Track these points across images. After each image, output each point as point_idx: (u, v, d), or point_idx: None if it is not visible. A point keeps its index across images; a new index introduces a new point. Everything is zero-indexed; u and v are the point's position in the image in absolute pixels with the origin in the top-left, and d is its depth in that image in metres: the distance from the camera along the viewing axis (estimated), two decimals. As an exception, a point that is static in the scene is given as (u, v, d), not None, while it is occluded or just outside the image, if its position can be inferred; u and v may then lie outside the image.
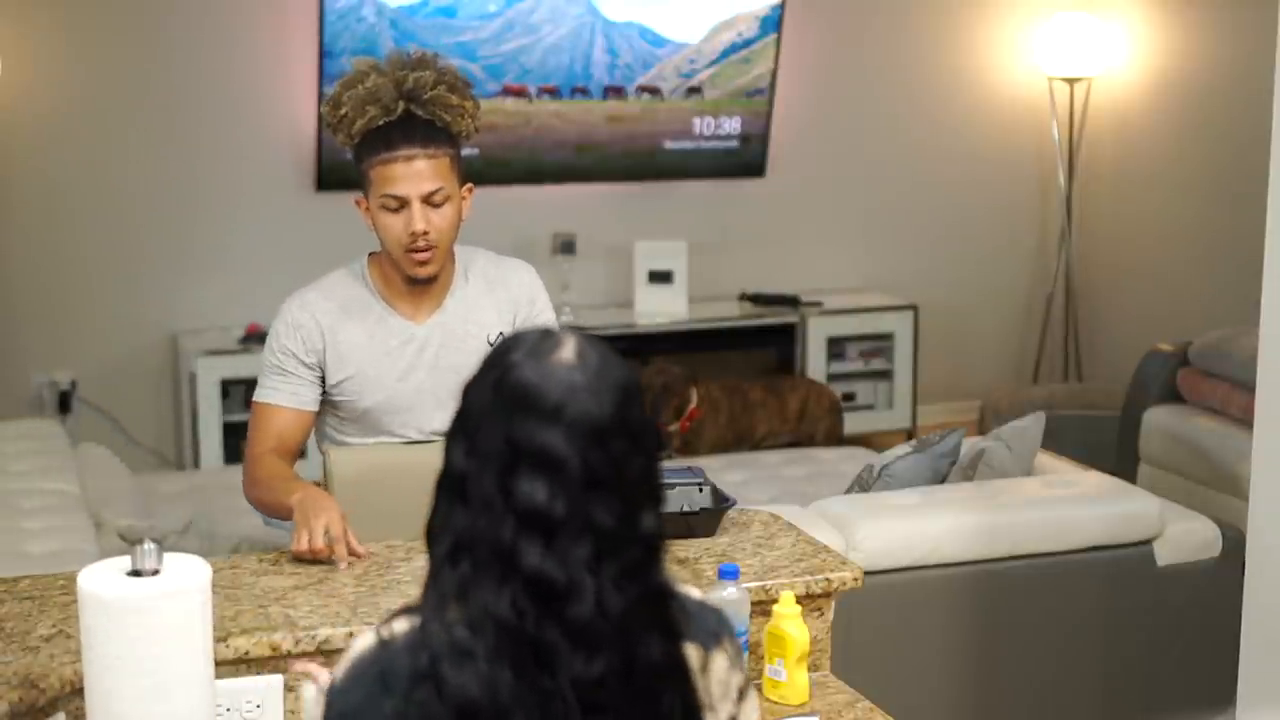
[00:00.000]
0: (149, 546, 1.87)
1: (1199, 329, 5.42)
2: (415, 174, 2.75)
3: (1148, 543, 3.68)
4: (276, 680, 2.19)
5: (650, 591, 1.47)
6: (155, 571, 1.87)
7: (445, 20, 5.91)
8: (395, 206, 2.77)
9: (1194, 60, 6.30)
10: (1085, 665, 3.66)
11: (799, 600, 2.40)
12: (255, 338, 5.60)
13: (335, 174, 5.70)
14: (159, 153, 5.79)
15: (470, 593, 1.43)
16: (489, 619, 1.42)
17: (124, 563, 1.88)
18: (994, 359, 7.01)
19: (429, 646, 1.43)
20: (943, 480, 3.84)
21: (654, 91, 6.27)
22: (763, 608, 2.43)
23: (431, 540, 1.49)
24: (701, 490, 2.66)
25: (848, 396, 6.42)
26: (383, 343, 2.86)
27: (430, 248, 2.78)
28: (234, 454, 5.36)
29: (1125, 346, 6.36)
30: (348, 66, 2.91)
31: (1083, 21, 6.55)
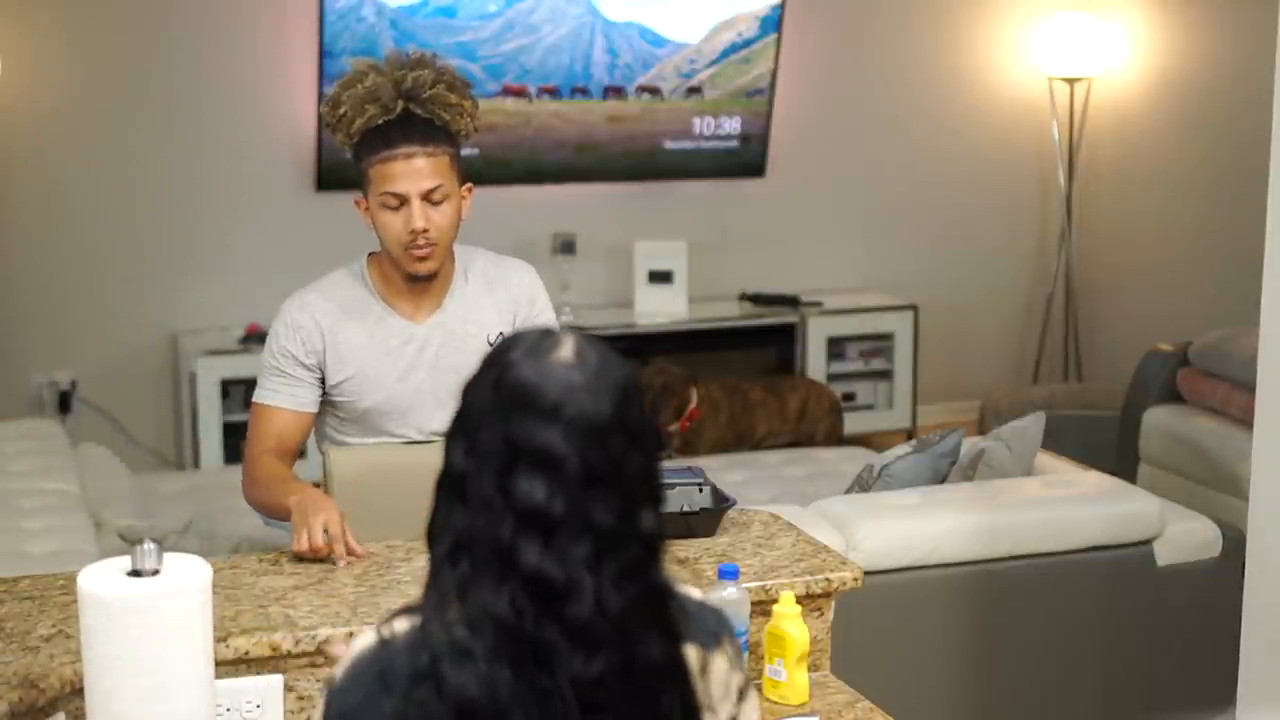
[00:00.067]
0: (149, 546, 1.87)
1: (1199, 329, 5.42)
2: (414, 172, 2.75)
3: (1148, 543, 3.68)
4: (276, 680, 2.19)
5: (650, 591, 1.47)
6: (155, 571, 1.87)
7: (445, 20, 5.91)
8: (395, 204, 2.77)
9: (1194, 60, 6.30)
10: (1085, 665, 3.66)
11: (799, 600, 2.40)
12: (255, 338, 5.60)
13: (335, 174, 5.70)
14: (159, 153, 5.79)
15: (470, 592, 1.43)
16: (488, 618, 1.42)
17: (124, 563, 1.88)
18: (994, 359, 7.01)
19: (429, 646, 1.43)
20: (943, 480, 3.84)
21: (654, 91, 6.27)
22: (763, 608, 2.43)
23: (432, 540, 1.49)
24: (701, 490, 2.66)
25: (848, 396, 6.41)
26: (382, 343, 2.86)
27: (430, 245, 2.78)
28: (234, 454, 5.36)
29: (1125, 346, 6.36)
30: (348, 66, 2.91)
31: (1083, 21, 6.55)
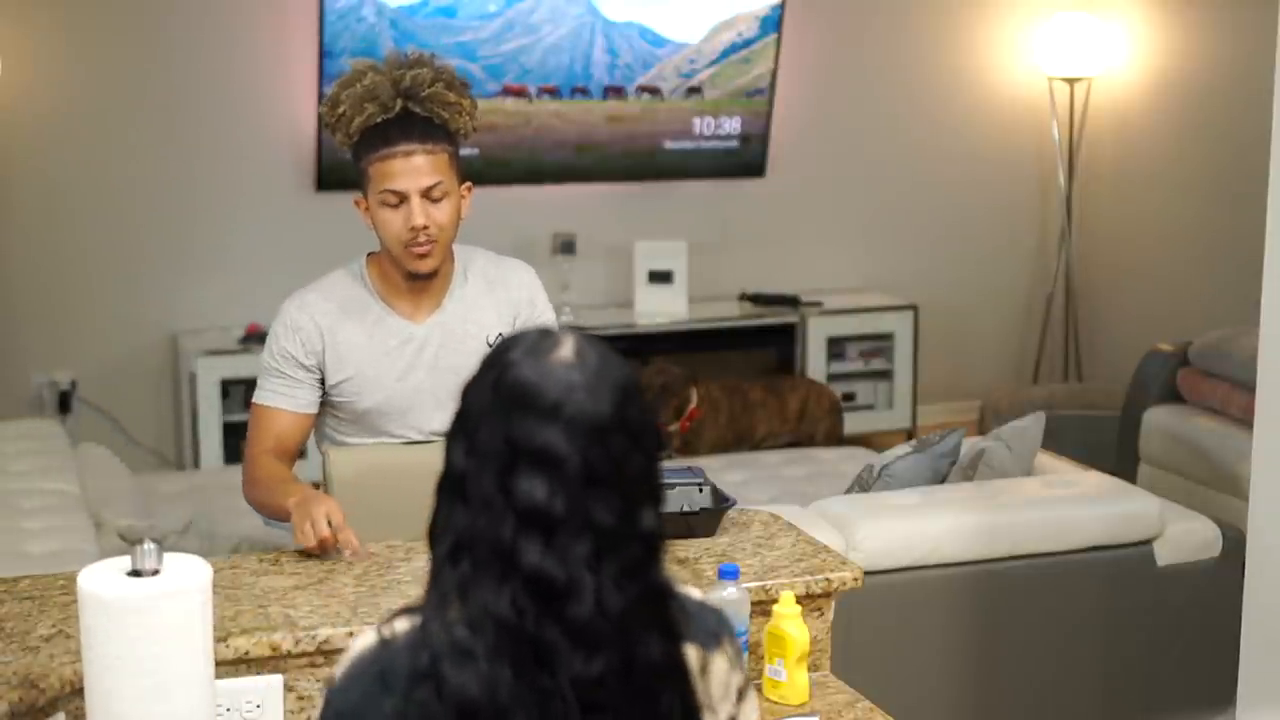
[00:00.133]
0: (149, 546, 1.87)
1: (1199, 329, 5.42)
2: (414, 169, 2.75)
3: (1148, 543, 3.68)
4: (276, 680, 2.19)
5: (650, 590, 1.47)
6: (155, 571, 1.87)
7: (445, 20, 5.91)
8: (394, 202, 2.77)
9: (1194, 60, 6.30)
10: (1085, 665, 3.66)
11: (799, 600, 2.40)
12: (255, 338, 5.60)
13: (335, 174, 5.70)
14: (159, 153, 5.79)
15: (470, 592, 1.43)
16: (489, 618, 1.42)
17: (124, 563, 1.88)
18: (994, 359, 7.01)
19: (429, 646, 1.43)
20: (943, 480, 3.84)
21: (654, 91, 6.27)
22: (763, 608, 2.43)
23: (433, 540, 1.49)
24: (701, 490, 2.66)
25: (848, 396, 6.41)
26: (382, 343, 2.86)
27: (430, 242, 2.78)
28: (234, 454, 5.36)
29: (1125, 346, 6.36)
30: (348, 66, 2.91)
31: (1083, 21, 6.55)
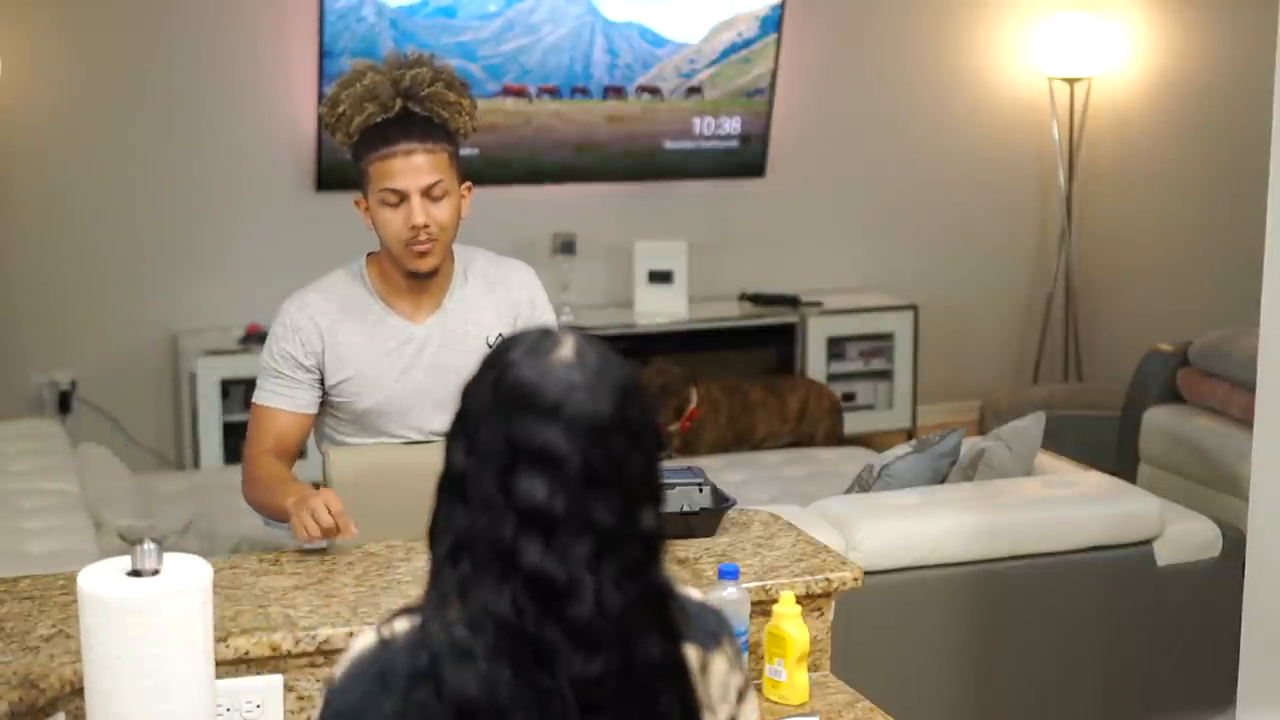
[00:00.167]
0: (149, 546, 1.87)
1: (1199, 329, 5.42)
2: (414, 168, 2.75)
3: (1148, 543, 3.68)
4: (276, 680, 2.19)
5: (650, 590, 1.47)
6: (155, 571, 1.87)
7: (445, 20, 5.91)
8: (395, 201, 2.77)
9: (1194, 60, 6.30)
10: (1085, 665, 3.66)
11: (799, 600, 2.40)
12: (255, 338, 5.60)
13: (335, 174, 5.70)
14: (159, 153, 5.79)
15: (470, 592, 1.43)
16: (489, 617, 1.42)
17: (124, 563, 1.88)
18: (994, 359, 7.01)
19: (429, 646, 1.43)
20: (943, 480, 3.84)
21: (654, 91, 6.27)
22: (763, 608, 2.43)
23: (433, 540, 1.48)
24: (701, 490, 2.66)
25: (848, 396, 6.42)
26: (381, 343, 2.86)
27: (431, 241, 2.78)
28: (234, 454, 5.36)
29: (1125, 346, 6.36)
30: (347, 67, 2.91)
31: (1083, 21, 6.55)
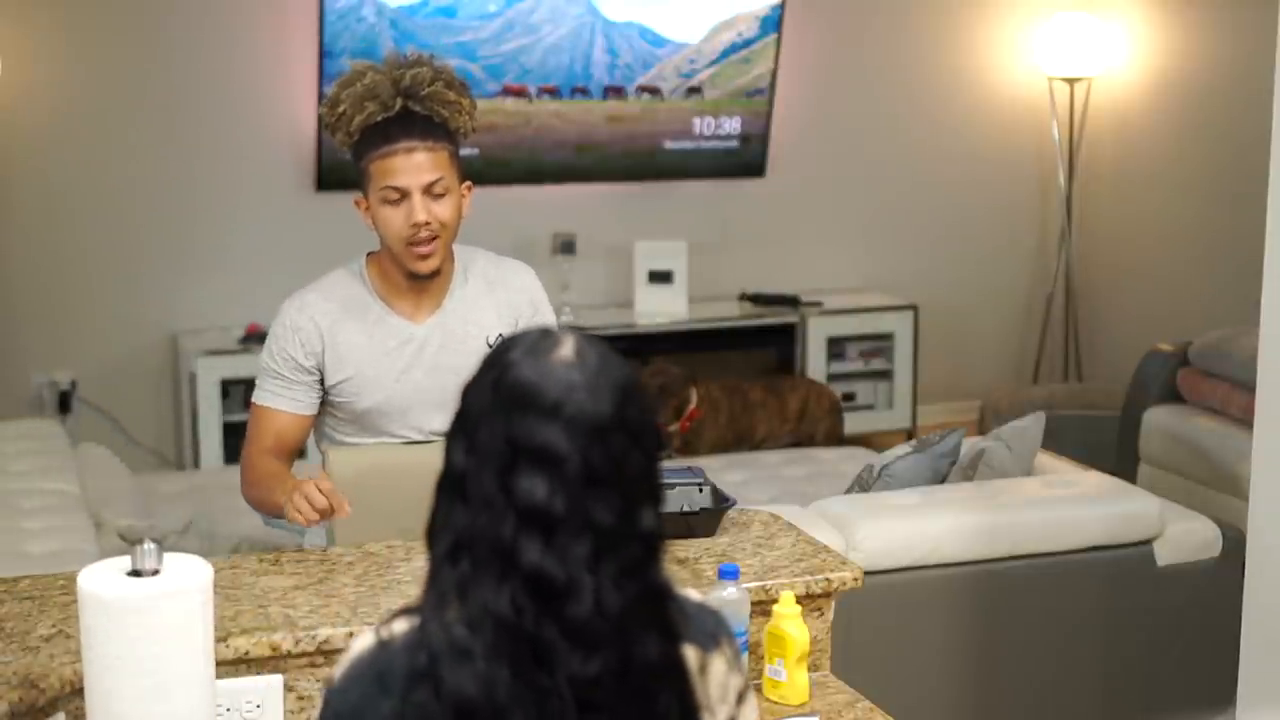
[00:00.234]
0: (149, 546, 1.87)
1: (1199, 329, 5.42)
2: (415, 166, 2.75)
3: (1148, 543, 3.68)
4: (276, 680, 2.19)
5: (649, 590, 1.47)
6: (155, 571, 1.87)
7: (445, 20, 5.91)
8: (396, 198, 2.77)
9: (1194, 60, 6.30)
10: (1085, 665, 3.66)
11: (799, 600, 2.40)
12: (255, 338, 5.60)
13: (335, 174, 5.69)
14: (159, 153, 5.79)
15: (470, 591, 1.43)
16: (488, 617, 1.42)
17: (124, 563, 1.88)
18: (994, 359, 7.00)
19: (427, 646, 1.43)
20: (943, 480, 3.84)
21: (654, 91, 6.27)
22: (763, 608, 2.43)
23: (431, 539, 1.48)
24: (701, 490, 2.66)
25: (848, 396, 6.41)
26: (381, 343, 2.86)
27: (433, 238, 2.78)
28: (234, 454, 5.35)
29: (1125, 346, 6.36)
30: (347, 67, 2.91)
31: (1083, 21, 6.55)
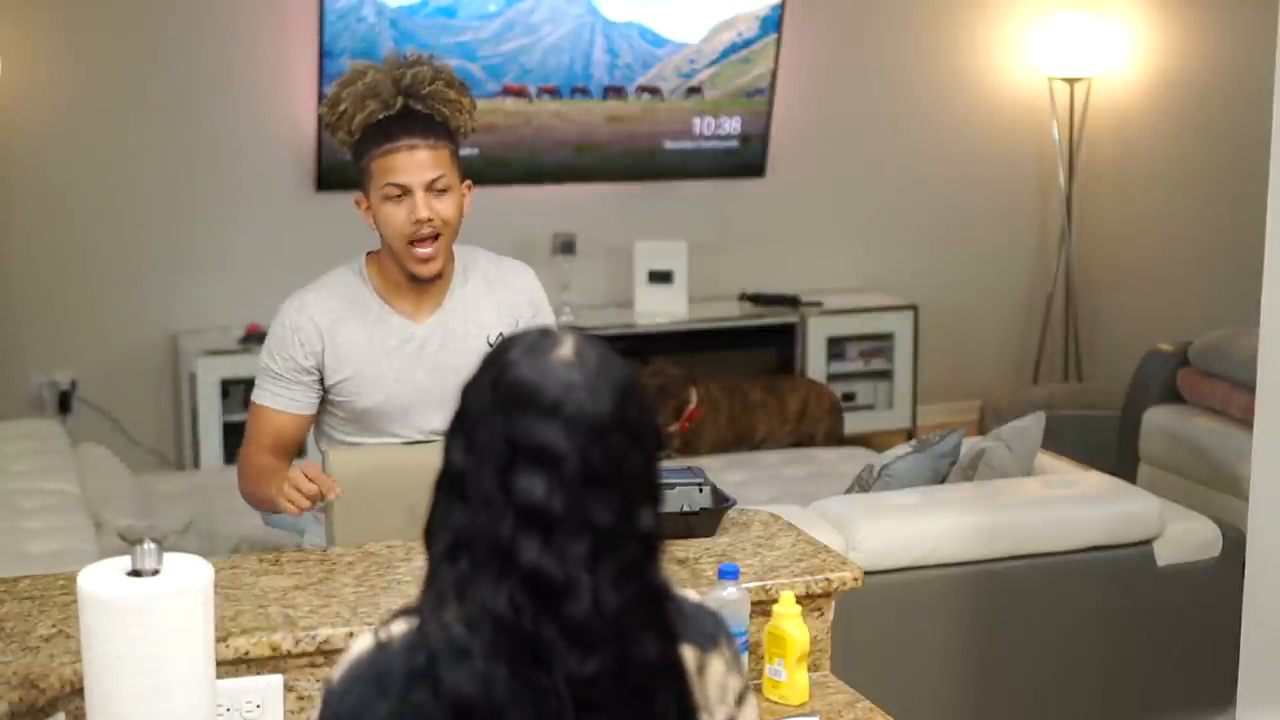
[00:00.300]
0: (149, 546, 1.86)
1: (1199, 329, 5.41)
2: (417, 163, 2.76)
3: (1148, 543, 3.68)
4: (276, 680, 2.19)
5: (647, 590, 1.46)
6: (155, 571, 1.87)
7: (445, 20, 5.91)
8: (397, 194, 2.77)
9: (1194, 60, 6.30)
10: (1085, 665, 3.66)
11: (799, 600, 2.40)
12: (255, 338, 5.60)
13: (335, 174, 5.69)
14: (159, 153, 5.79)
15: (468, 590, 1.43)
16: (486, 616, 1.42)
17: (124, 563, 1.88)
18: (994, 359, 7.00)
19: (426, 646, 1.43)
20: (943, 480, 3.84)
21: (654, 91, 6.27)
22: (763, 608, 2.43)
23: (430, 539, 1.48)
24: (701, 490, 2.66)
25: (848, 396, 6.41)
26: (381, 342, 2.86)
27: (435, 235, 2.78)
28: (234, 454, 5.31)
29: (1125, 346, 6.36)
30: (347, 67, 2.91)
31: (1083, 21, 6.55)
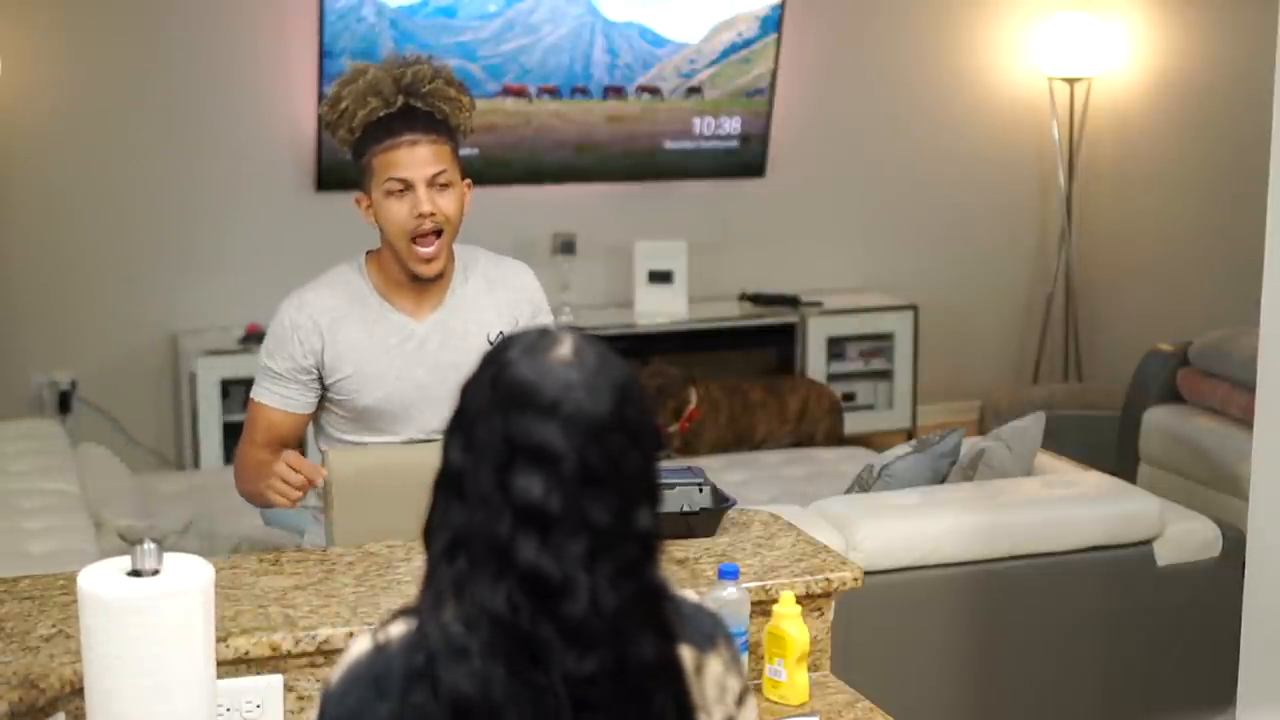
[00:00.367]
0: (149, 546, 1.86)
1: (1199, 329, 5.41)
2: (419, 158, 2.76)
3: (1148, 543, 3.68)
4: (276, 680, 2.19)
5: (645, 590, 1.46)
6: (155, 571, 1.87)
7: (445, 20, 5.91)
8: (400, 189, 2.77)
9: (1194, 60, 6.30)
10: (1085, 665, 3.66)
11: (799, 600, 2.40)
12: (255, 338, 5.60)
13: (335, 174, 5.69)
14: (159, 153, 5.79)
15: (466, 589, 1.43)
16: (484, 615, 1.42)
17: (124, 563, 1.88)
18: (994, 359, 7.00)
19: (425, 646, 1.43)
20: (943, 480, 3.84)
21: (654, 91, 6.27)
22: (763, 608, 2.43)
23: (429, 537, 1.48)
24: (701, 490, 2.66)
25: (848, 396, 6.41)
26: (382, 340, 2.86)
27: (438, 232, 2.78)
28: (234, 454, 5.35)
29: (1125, 346, 6.36)
30: (347, 67, 2.92)
31: (1083, 21, 6.55)
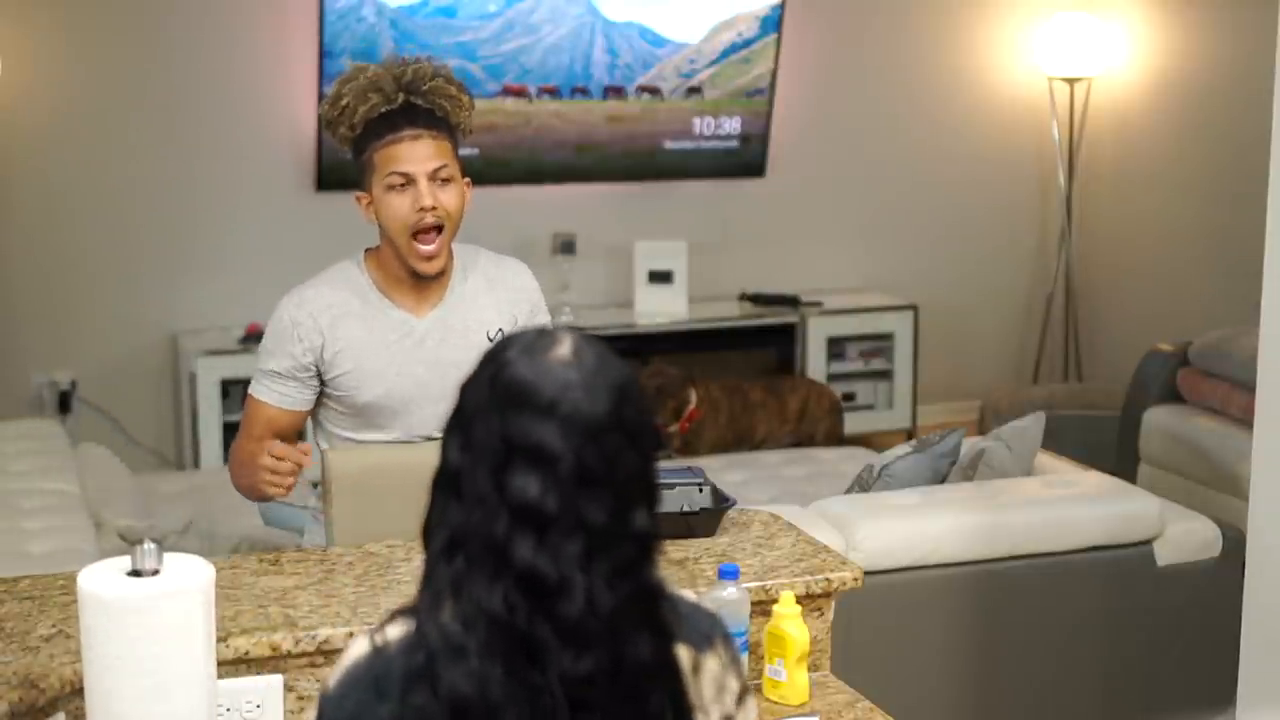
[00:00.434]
0: (149, 546, 1.86)
1: (1199, 329, 5.42)
2: (421, 153, 2.77)
3: (1148, 543, 3.68)
4: (276, 680, 2.19)
5: (641, 590, 1.47)
6: (155, 571, 1.87)
7: (445, 20, 5.91)
8: (401, 183, 2.77)
9: (1194, 60, 6.30)
10: (1085, 665, 3.66)
11: (799, 600, 2.40)
12: (255, 338, 5.59)
13: (335, 174, 5.69)
14: (159, 153, 5.79)
15: (464, 588, 1.43)
16: (481, 614, 1.42)
17: (124, 563, 1.88)
18: (994, 359, 7.00)
19: (424, 646, 1.43)
20: (943, 480, 3.84)
21: (654, 91, 6.27)
22: (763, 608, 2.43)
23: (427, 537, 1.49)
24: (701, 490, 2.66)
25: (848, 396, 6.41)
26: (381, 336, 2.86)
27: (439, 226, 2.78)
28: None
29: (1125, 346, 6.36)
30: (347, 67, 2.92)
31: (1083, 21, 6.55)
